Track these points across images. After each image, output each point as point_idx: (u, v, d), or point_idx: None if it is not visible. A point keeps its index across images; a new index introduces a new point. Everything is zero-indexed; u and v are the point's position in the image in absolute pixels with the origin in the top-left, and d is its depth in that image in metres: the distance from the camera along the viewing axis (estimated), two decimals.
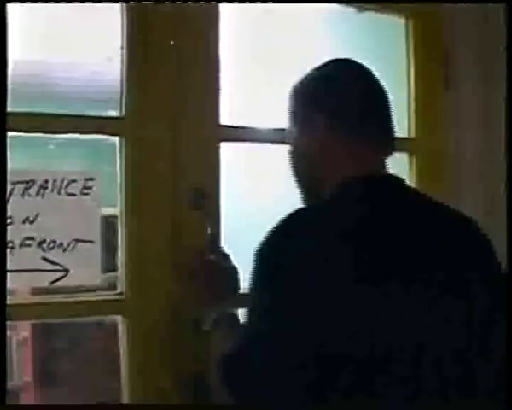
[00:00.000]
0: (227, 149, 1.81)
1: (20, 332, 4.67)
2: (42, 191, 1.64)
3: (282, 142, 1.60)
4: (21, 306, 1.73)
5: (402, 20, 2.22)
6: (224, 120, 1.81)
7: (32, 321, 4.15)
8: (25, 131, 1.69)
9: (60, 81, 3.78)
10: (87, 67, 3.93)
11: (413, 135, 2.19)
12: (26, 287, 1.85)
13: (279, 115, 1.60)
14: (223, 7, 1.83)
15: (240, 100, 2.58)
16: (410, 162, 2.19)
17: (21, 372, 4.70)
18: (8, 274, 1.61)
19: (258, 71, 2.97)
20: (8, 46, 1.41)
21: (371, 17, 2.22)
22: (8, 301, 1.65)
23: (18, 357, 4.76)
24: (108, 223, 1.74)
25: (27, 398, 4.65)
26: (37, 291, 1.83)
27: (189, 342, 1.72)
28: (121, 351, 1.76)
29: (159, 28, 1.76)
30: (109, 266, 1.81)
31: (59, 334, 4.64)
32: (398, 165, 2.18)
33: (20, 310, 1.73)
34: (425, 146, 2.20)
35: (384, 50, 2.43)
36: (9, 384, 4.72)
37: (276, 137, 1.82)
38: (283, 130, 1.58)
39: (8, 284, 1.66)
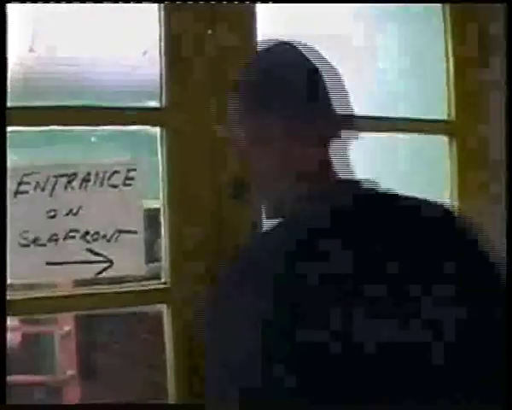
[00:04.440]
0: None
1: (62, 326, 4.73)
2: (84, 184, 1.65)
3: None
4: (65, 298, 1.75)
5: (439, 7, 2.19)
6: None
7: (77, 313, 4.20)
8: (66, 125, 1.71)
9: (95, 76, 3.81)
10: (123, 62, 3.95)
11: (452, 117, 2.17)
12: (69, 279, 1.87)
13: None
14: None
15: None
16: (450, 145, 2.17)
17: (65, 366, 4.75)
18: (54, 267, 1.64)
19: None
20: (50, 44, 1.43)
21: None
22: (51, 294, 1.68)
23: (61, 351, 4.81)
24: (151, 213, 1.75)
25: (71, 392, 4.70)
26: (80, 283, 1.85)
27: None
28: (166, 341, 1.77)
29: (196, 19, 1.76)
30: (153, 256, 1.82)
31: (102, 327, 4.69)
32: (438, 148, 2.18)
33: (64, 302, 1.75)
34: (465, 128, 2.18)
35: (420, 31, 2.41)
36: (53, 378, 4.79)
37: None
38: None
39: (54, 277, 1.69)
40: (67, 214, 1.64)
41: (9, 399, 1.39)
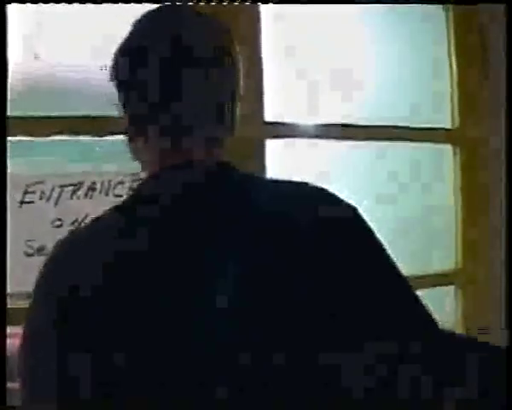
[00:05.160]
0: (273, 146, 1.81)
1: None
2: (90, 193, 1.65)
3: (329, 137, 1.59)
4: None
5: (440, 9, 2.20)
6: (269, 116, 1.80)
7: None
8: (71, 134, 1.71)
9: (102, 84, 3.80)
10: None
11: (456, 125, 2.17)
12: None
13: (323, 111, 1.60)
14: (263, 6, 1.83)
15: (283, 96, 2.57)
16: (454, 153, 2.17)
17: None
18: None
19: (298, 67, 2.96)
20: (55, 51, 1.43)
21: (408, 7, 2.20)
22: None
23: None
24: None
25: None
26: None
27: None
28: None
29: None
30: None
31: None
32: (442, 156, 2.18)
33: None
34: (468, 136, 2.18)
35: (423, 40, 2.41)
36: None
37: (322, 132, 1.81)
38: (329, 125, 1.57)
39: None
40: (73, 224, 1.64)
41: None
